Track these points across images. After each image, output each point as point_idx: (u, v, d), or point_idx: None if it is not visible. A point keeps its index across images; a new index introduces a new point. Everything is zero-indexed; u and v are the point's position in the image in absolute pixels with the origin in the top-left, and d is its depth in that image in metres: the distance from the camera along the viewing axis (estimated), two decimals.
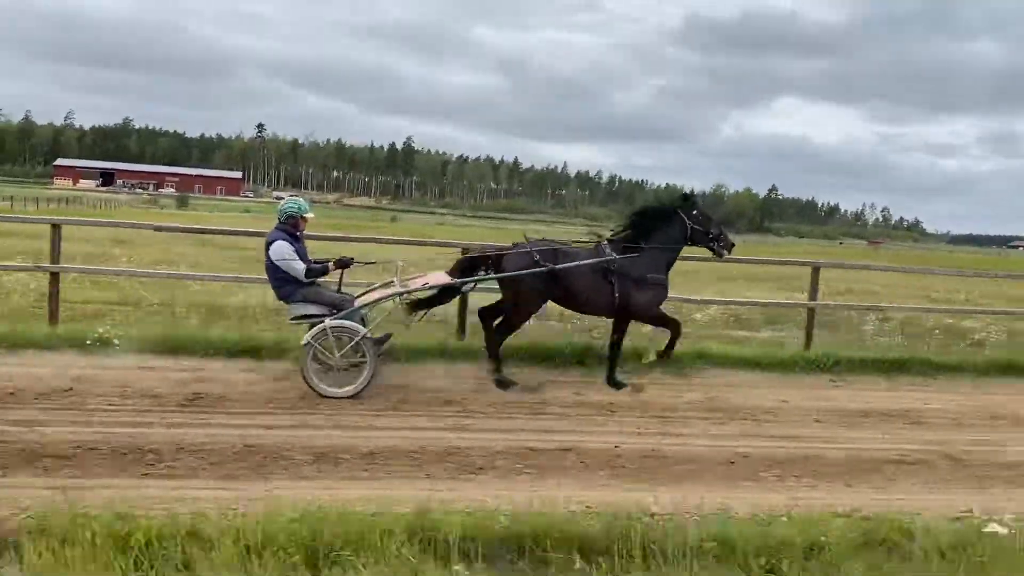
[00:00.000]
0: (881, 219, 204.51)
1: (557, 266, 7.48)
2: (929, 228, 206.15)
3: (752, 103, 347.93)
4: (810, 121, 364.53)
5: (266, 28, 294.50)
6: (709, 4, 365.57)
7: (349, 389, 7.02)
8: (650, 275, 7.63)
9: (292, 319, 7.37)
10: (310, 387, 6.97)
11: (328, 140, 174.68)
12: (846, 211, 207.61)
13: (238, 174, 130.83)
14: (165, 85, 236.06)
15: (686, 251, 8.12)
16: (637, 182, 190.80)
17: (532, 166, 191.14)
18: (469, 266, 7.86)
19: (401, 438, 6.15)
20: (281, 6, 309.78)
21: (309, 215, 7.51)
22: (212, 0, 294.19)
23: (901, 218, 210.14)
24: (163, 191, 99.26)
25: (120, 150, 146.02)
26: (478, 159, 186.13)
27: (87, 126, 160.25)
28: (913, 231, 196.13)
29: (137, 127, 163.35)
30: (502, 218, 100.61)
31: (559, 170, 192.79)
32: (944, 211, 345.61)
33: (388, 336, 7.64)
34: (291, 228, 7.35)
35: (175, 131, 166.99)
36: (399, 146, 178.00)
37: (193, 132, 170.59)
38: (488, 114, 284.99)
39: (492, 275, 7.66)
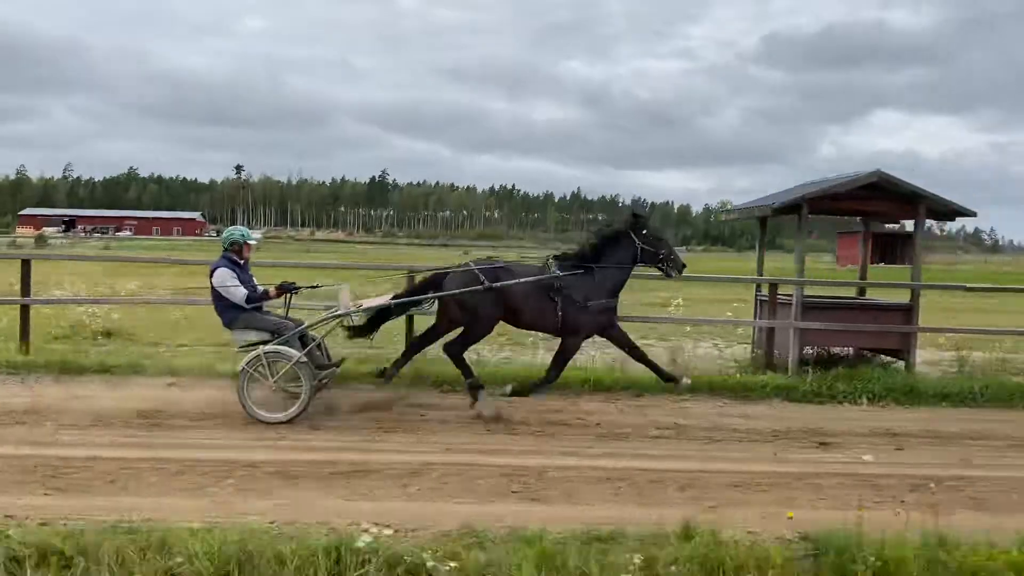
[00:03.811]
0: (939, 231, 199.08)
1: (496, 284, 7.46)
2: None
3: (848, 119, 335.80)
4: (913, 134, 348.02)
5: (359, 77, 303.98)
6: (790, 21, 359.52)
7: (284, 415, 6.99)
8: (592, 302, 7.54)
9: (239, 347, 7.39)
10: (246, 412, 6.99)
11: (318, 179, 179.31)
12: (902, 223, 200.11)
13: (195, 215, 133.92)
14: (268, 137, 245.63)
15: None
16: (664, 203, 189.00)
17: (520, 190, 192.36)
18: (418, 288, 7.87)
19: None
20: (372, 55, 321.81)
21: (252, 241, 7.61)
22: (305, 53, 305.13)
23: (976, 229, 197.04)
24: (120, 234, 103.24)
25: (113, 199, 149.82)
26: (468, 188, 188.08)
27: (99, 177, 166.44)
28: (968, 240, 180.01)
29: (142, 175, 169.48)
30: (456, 246, 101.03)
31: (576, 194, 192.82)
32: None
33: (336, 363, 7.69)
34: (235, 255, 7.45)
35: (177, 177, 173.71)
36: (388, 180, 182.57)
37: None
38: (578, 146, 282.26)
39: (435, 294, 7.62)
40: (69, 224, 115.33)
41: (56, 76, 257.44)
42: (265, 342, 7.17)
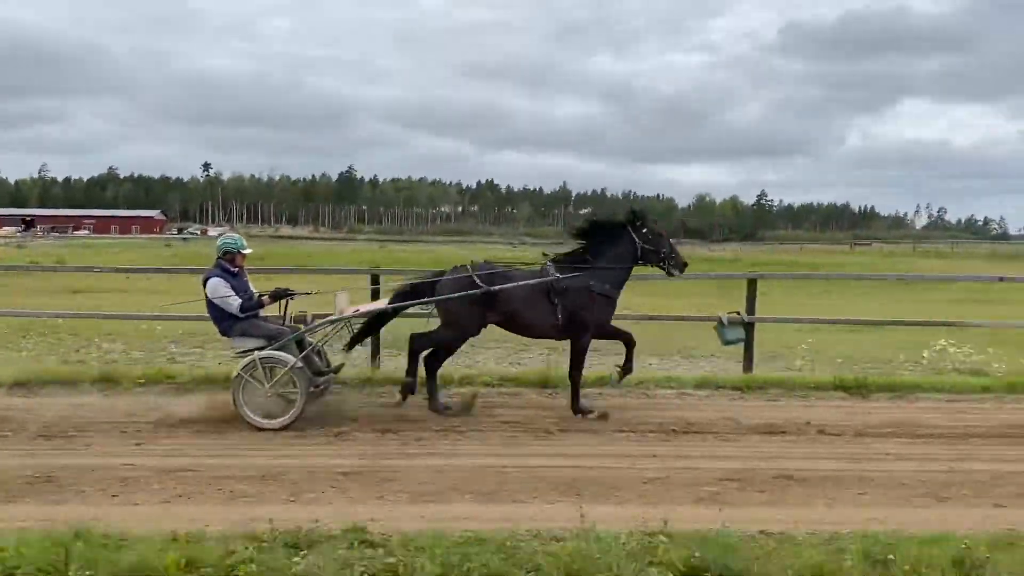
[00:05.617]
0: (939, 221, 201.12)
1: (493, 288, 7.29)
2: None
3: (877, 108, 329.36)
4: (945, 123, 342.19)
5: (381, 77, 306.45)
6: (812, 11, 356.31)
7: (280, 420, 7.05)
8: (593, 283, 7.32)
9: (237, 353, 7.38)
10: (242, 417, 7.06)
11: (289, 176, 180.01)
12: (904, 213, 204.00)
13: (155, 213, 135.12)
14: (293, 137, 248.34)
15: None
16: (648, 196, 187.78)
17: (499, 184, 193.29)
18: (410, 293, 7.77)
19: None
20: (394, 55, 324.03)
21: (247, 251, 7.56)
22: (328, 53, 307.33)
23: (986, 218, 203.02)
24: (78, 233, 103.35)
25: (91, 198, 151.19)
26: (438, 182, 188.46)
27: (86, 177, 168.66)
28: (962, 232, 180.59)
29: (122, 175, 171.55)
30: (402, 242, 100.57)
31: (563, 187, 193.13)
32: None
33: (333, 368, 7.71)
34: (228, 264, 7.44)
35: (149, 175, 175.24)
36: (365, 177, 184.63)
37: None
38: (603, 142, 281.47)
39: (431, 299, 7.53)
40: (28, 224, 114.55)
41: (80, 79, 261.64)
42: (263, 348, 7.22)
